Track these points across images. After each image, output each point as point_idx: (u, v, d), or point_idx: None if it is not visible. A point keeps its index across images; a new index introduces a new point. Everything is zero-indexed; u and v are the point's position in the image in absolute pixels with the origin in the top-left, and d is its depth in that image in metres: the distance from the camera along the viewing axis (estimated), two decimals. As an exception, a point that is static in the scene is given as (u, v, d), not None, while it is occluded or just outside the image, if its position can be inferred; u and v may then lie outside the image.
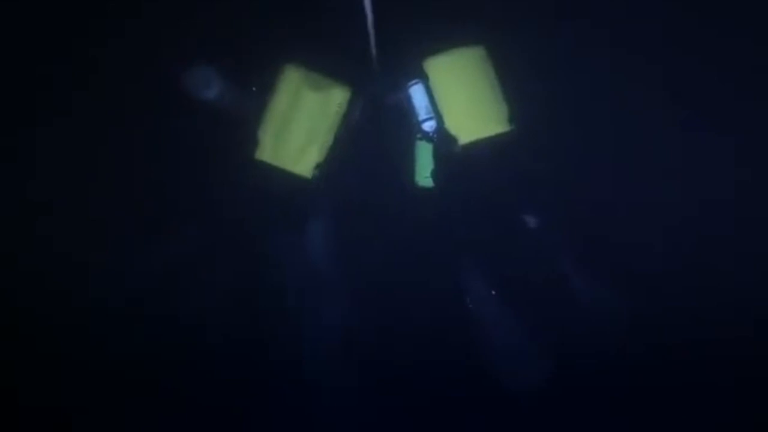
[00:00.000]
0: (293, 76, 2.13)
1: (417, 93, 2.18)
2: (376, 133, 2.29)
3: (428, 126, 2.18)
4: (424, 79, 2.17)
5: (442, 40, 2.17)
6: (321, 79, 2.14)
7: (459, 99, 2.15)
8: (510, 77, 2.15)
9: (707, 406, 2.07)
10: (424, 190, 2.26)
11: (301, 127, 2.13)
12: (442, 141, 2.16)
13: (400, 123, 2.24)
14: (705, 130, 2.30)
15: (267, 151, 2.13)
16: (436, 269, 2.24)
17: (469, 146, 2.13)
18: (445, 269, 2.23)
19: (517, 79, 2.16)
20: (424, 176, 2.25)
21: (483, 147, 2.13)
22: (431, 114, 2.17)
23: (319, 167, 2.14)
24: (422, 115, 2.17)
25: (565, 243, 2.19)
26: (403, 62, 2.20)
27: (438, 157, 2.20)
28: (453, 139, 2.14)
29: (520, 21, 2.31)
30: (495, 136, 2.13)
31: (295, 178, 2.13)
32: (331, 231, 2.28)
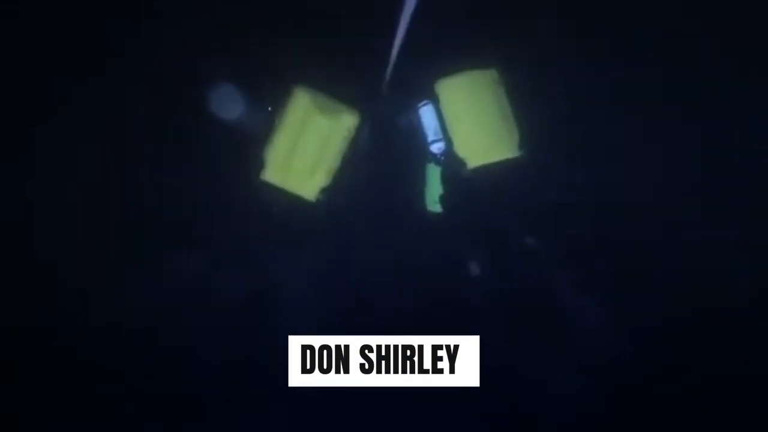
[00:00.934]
0: (304, 99, 2.12)
1: (427, 114, 2.16)
2: (386, 156, 2.28)
3: (436, 148, 2.16)
4: (435, 101, 2.15)
5: (455, 62, 2.14)
6: (331, 102, 2.13)
7: (469, 122, 2.13)
8: (522, 101, 2.13)
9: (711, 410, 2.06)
10: (433, 214, 2.24)
11: (308, 150, 2.11)
12: (450, 163, 2.14)
13: (409, 147, 2.22)
14: (723, 166, 2.25)
15: (273, 173, 2.12)
16: (443, 294, 2.22)
17: (478, 170, 2.12)
18: (453, 293, 2.21)
19: (530, 103, 2.13)
20: (434, 201, 2.23)
21: (491, 172, 2.11)
22: (440, 136, 2.15)
23: (324, 191, 2.13)
24: (431, 137, 2.16)
25: (570, 272, 2.16)
26: (415, 84, 2.18)
27: (446, 180, 2.18)
28: (461, 162, 2.12)
29: (534, 45, 2.28)
30: (504, 161, 2.11)
31: (300, 201, 2.12)
32: (335, 254, 2.27)
